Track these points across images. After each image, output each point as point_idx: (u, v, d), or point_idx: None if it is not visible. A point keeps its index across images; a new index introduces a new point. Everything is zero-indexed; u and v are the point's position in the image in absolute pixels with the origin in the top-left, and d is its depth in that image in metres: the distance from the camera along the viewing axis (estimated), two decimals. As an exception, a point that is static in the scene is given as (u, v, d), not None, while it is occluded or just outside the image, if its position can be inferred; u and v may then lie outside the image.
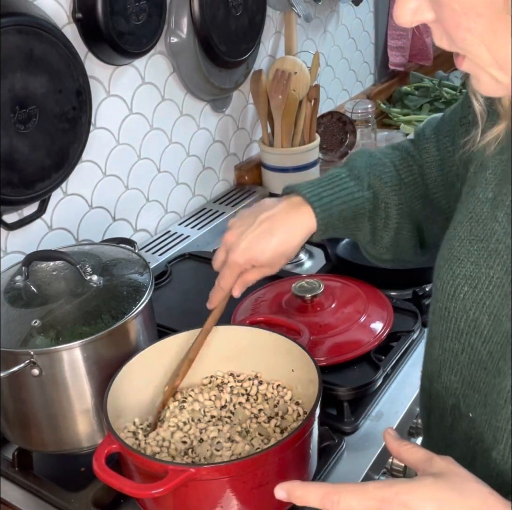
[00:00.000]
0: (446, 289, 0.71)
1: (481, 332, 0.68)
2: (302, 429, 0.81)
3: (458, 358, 0.71)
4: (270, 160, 1.70)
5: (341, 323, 1.12)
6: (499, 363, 0.66)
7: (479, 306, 0.68)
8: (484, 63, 0.56)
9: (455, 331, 0.71)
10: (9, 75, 1.08)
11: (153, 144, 1.49)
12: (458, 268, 0.70)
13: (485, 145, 0.71)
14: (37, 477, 0.99)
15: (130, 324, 0.96)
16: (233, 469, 0.77)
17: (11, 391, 0.95)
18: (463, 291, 0.69)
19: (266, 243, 0.86)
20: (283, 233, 0.86)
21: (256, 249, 0.86)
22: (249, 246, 0.86)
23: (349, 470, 0.95)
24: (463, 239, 0.71)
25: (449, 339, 0.72)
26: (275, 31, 1.81)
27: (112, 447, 0.80)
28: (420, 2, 0.57)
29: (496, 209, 0.68)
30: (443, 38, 0.58)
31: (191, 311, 1.27)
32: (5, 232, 1.21)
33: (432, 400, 0.78)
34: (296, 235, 0.87)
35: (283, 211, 0.87)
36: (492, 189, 0.70)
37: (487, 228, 0.69)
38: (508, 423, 0.65)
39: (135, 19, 1.29)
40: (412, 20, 0.59)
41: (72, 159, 1.22)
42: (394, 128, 2.19)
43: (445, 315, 0.72)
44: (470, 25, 0.54)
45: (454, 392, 0.73)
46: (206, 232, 1.56)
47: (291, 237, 0.86)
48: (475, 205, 0.71)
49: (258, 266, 0.88)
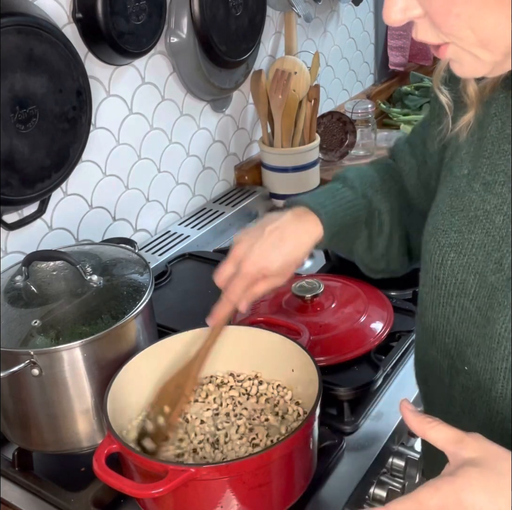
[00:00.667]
0: (434, 259, 0.77)
1: (469, 291, 0.73)
2: (302, 429, 0.81)
3: (450, 320, 0.76)
4: (270, 160, 1.70)
5: (341, 323, 1.12)
6: (487, 313, 0.71)
7: (465, 268, 0.74)
8: (469, 44, 0.60)
9: (445, 296, 0.76)
10: (9, 75, 1.08)
11: (153, 144, 1.49)
12: (443, 238, 0.76)
13: (457, 132, 0.77)
14: (37, 477, 0.99)
15: (130, 324, 0.96)
16: (233, 469, 0.77)
17: (11, 391, 0.95)
18: (450, 258, 0.75)
19: (278, 252, 0.86)
20: (293, 241, 0.87)
21: (268, 258, 0.86)
22: (261, 255, 0.86)
23: (349, 470, 0.95)
24: (445, 213, 0.77)
25: (441, 305, 0.77)
26: (275, 31, 1.81)
27: (112, 447, 0.80)
28: (407, 1, 0.60)
29: (472, 181, 0.75)
30: (428, 32, 0.62)
31: (191, 311, 1.27)
32: (5, 232, 1.21)
33: (428, 367, 0.82)
34: (305, 242, 0.88)
35: (290, 221, 0.89)
36: (467, 166, 0.76)
37: (466, 199, 0.75)
38: (503, 361, 0.69)
39: (135, 19, 1.29)
40: (402, 18, 0.62)
41: (72, 159, 1.22)
42: (394, 128, 2.19)
43: (435, 283, 0.77)
44: (458, 11, 0.58)
45: (449, 352, 0.77)
46: (206, 232, 1.56)
47: (300, 244, 0.88)
48: (453, 183, 0.78)
49: (269, 275, 0.87)
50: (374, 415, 1.04)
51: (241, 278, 0.87)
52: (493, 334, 0.70)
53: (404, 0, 0.60)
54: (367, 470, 0.95)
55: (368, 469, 0.95)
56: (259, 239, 0.87)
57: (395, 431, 1.02)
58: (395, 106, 2.29)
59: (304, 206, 0.90)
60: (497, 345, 0.69)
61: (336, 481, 0.93)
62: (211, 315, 0.90)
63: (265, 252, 0.86)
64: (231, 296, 0.88)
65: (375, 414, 1.04)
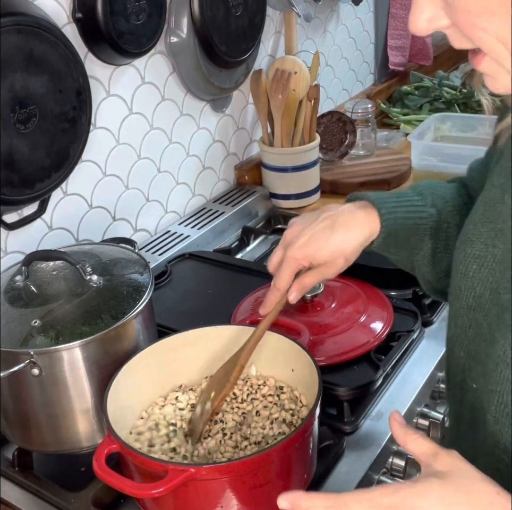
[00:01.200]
0: (459, 268, 0.75)
1: (484, 306, 0.71)
2: (302, 429, 0.81)
3: (466, 334, 0.74)
4: (270, 160, 1.70)
5: (341, 323, 1.12)
6: (494, 333, 0.69)
7: (483, 282, 0.71)
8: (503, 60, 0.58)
9: (465, 308, 0.74)
10: (9, 75, 1.08)
11: (153, 144, 1.49)
12: (469, 248, 0.74)
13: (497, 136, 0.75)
14: (37, 477, 0.99)
15: (130, 324, 0.96)
16: (233, 469, 0.77)
17: (11, 391, 0.95)
18: (472, 269, 0.73)
19: (325, 239, 0.83)
20: (343, 231, 0.84)
21: (314, 245, 0.83)
22: (308, 242, 0.84)
23: (349, 470, 0.95)
24: (476, 222, 0.75)
25: (460, 316, 0.74)
26: (275, 31, 1.81)
27: (112, 447, 0.80)
28: (434, 10, 0.58)
29: (505, 193, 0.72)
30: (462, 40, 0.59)
31: (191, 311, 1.27)
32: (5, 232, 1.21)
33: (449, 378, 0.80)
34: (357, 234, 0.84)
35: (347, 211, 0.86)
36: (505, 175, 0.73)
37: (496, 210, 0.73)
38: (498, 384, 0.67)
39: (135, 19, 1.29)
40: (428, 28, 0.60)
41: (72, 159, 1.22)
42: (394, 128, 2.19)
43: (457, 293, 0.75)
44: (484, 25, 0.55)
45: (462, 367, 0.75)
46: (206, 232, 1.56)
47: (351, 236, 0.84)
48: (489, 191, 0.75)
49: (316, 265, 0.85)
50: (374, 415, 1.04)
51: (287, 263, 0.85)
52: (494, 355, 0.68)
53: (430, 9, 0.58)
54: (367, 470, 0.95)
55: (368, 469, 0.95)
56: (310, 225, 0.85)
57: (395, 431, 1.02)
58: (395, 106, 2.29)
59: (366, 200, 0.86)
60: (495, 367, 0.67)
61: (336, 481, 0.93)
62: (262, 304, 0.89)
63: (312, 239, 0.84)
64: (278, 282, 0.86)
65: (375, 414, 1.04)
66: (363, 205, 0.87)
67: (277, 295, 0.87)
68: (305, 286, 0.87)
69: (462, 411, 0.77)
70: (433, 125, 1.80)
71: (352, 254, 0.86)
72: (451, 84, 2.35)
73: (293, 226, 0.87)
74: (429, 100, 2.26)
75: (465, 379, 0.75)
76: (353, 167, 1.86)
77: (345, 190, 1.76)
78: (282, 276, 0.85)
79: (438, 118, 1.84)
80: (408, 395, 1.07)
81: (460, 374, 0.76)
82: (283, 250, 0.86)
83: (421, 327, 1.19)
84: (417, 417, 1.10)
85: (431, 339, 1.18)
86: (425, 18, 0.59)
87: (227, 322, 1.15)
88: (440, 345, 1.17)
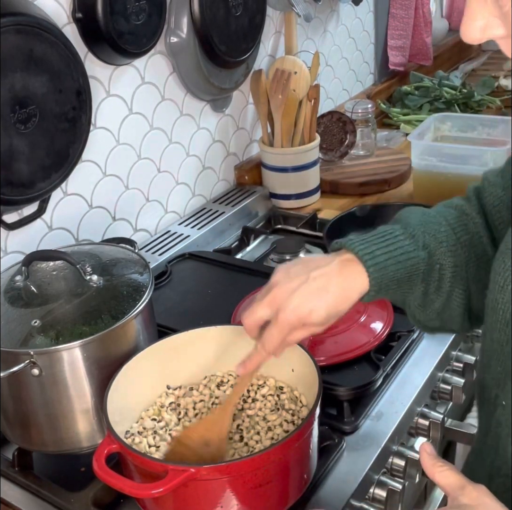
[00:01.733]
0: (497, 280, 0.72)
1: None
2: (302, 429, 0.81)
3: (503, 349, 0.71)
4: (270, 160, 1.70)
5: (341, 323, 1.12)
6: None
7: None
8: None
9: (502, 322, 0.71)
10: (9, 75, 1.08)
11: (153, 144, 1.49)
12: (509, 260, 0.71)
13: None
14: (37, 477, 0.99)
15: (130, 324, 0.96)
16: (233, 469, 0.77)
17: (11, 391, 0.95)
18: (511, 283, 0.70)
19: (322, 301, 0.79)
20: (338, 292, 0.80)
21: (310, 307, 0.79)
22: (302, 303, 0.78)
23: (349, 470, 0.95)
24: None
25: (497, 331, 0.72)
26: (275, 31, 1.81)
27: (112, 447, 0.80)
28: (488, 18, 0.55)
29: None
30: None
31: (191, 311, 1.27)
32: (5, 232, 1.21)
33: (483, 390, 0.78)
34: (351, 294, 0.80)
35: (337, 269, 0.80)
36: None
37: None
38: None
39: (135, 19, 1.29)
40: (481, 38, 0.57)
41: (72, 159, 1.22)
42: (394, 128, 2.19)
43: (495, 306, 0.72)
44: None
45: (498, 382, 0.73)
46: (206, 232, 1.56)
47: (346, 296, 0.80)
48: None
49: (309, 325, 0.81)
50: (374, 415, 1.04)
51: (279, 327, 0.79)
52: None
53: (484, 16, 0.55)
54: (367, 470, 0.95)
55: (368, 469, 0.95)
56: (301, 285, 0.79)
57: (395, 431, 1.02)
58: (395, 106, 2.29)
59: (352, 253, 0.80)
60: None
61: (336, 481, 0.93)
62: (242, 363, 0.84)
63: (307, 301, 0.79)
64: (267, 346, 0.80)
65: (375, 414, 1.04)
66: (350, 261, 0.80)
67: (263, 357, 0.83)
68: (292, 344, 0.83)
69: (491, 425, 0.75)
70: (433, 125, 1.80)
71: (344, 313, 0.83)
72: (451, 84, 2.35)
73: (281, 285, 0.80)
74: (429, 100, 2.26)
75: (498, 395, 0.73)
76: (353, 167, 1.86)
77: (345, 190, 1.77)
78: (273, 340, 0.80)
79: (438, 118, 1.84)
80: (408, 395, 1.07)
81: (495, 390, 0.74)
82: (270, 310, 0.80)
83: (421, 327, 1.19)
84: (417, 417, 1.10)
85: (431, 339, 1.18)
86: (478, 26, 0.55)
87: (227, 322, 1.15)
88: (440, 345, 1.17)
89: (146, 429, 0.91)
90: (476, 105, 2.25)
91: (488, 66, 2.63)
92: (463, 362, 1.19)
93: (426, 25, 2.42)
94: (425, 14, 2.41)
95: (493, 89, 2.36)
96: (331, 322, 0.81)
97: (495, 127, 1.76)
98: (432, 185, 1.65)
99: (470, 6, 0.56)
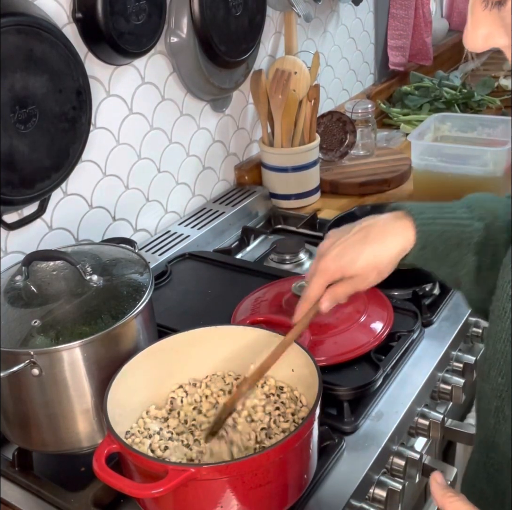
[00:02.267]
0: (505, 288, 0.70)
1: None
2: (302, 429, 0.81)
3: (506, 359, 0.70)
4: (270, 160, 1.71)
5: (341, 323, 1.12)
6: None
7: None
8: None
9: (507, 332, 0.70)
10: (9, 75, 1.08)
11: (153, 144, 1.49)
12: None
13: None
14: (37, 477, 0.99)
15: (130, 324, 0.96)
16: (233, 469, 0.77)
17: (11, 391, 0.95)
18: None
19: (358, 252, 0.81)
20: (377, 243, 0.81)
21: (347, 257, 0.81)
22: (341, 253, 0.82)
23: (349, 470, 0.95)
24: None
25: (501, 340, 0.71)
26: (275, 31, 1.81)
27: (112, 447, 0.80)
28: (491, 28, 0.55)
29: None
30: None
31: (191, 311, 1.27)
32: (5, 232, 1.21)
33: (478, 399, 0.77)
34: (391, 247, 0.81)
35: (382, 222, 0.83)
36: None
37: None
38: None
39: (135, 19, 1.29)
40: (483, 46, 0.57)
41: (72, 159, 1.22)
42: (394, 128, 2.19)
43: (501, 315, 0.71)
44: None
45: (500, 394, 0.72)
46: (206, 232, 1.56)
47: (385, 248, 0.81)
48: None
49: (348, 276, 0.83)
50: (374, 415, 1.04)
51: (319, 274, 0.84)
52: None
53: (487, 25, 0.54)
54: (367, 470, 0.95)
55: (368, 469, 0.95)
56: (344, 236, 0.83)
57: (395, 431, 1.02)
58: (395, 106, 2.29)
59: (403, 210, 0.82)
60: None
61: (336, 481, 0.93)
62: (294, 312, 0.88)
63: (345, 251, 0.82)
64: (309, 292, 0.85)
65: (375, 414, 1.04)
66: (399, 215, 0.83)
67: (307, 304, 0.86)
68: (337, 296, 0.85)
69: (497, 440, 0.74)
70: (433, 125, 1.81)
71: (386, 268, 0.83)
72: (451, 84, 2.35)
73: (328, 238, 0.86)
74: (429, 100, 2.26)
75: (501, 407, 0.72)
76: (353, 167, 1.86)
77: (345, 190, 1.77)
78: (314, 286, 0.85)
79: (438, 118, 1.84)
80: (408, 395, 1.07)
81: (496, 401, 0.72)
82: (317, 261, 0.85)
83: (421, 327, 1.19)
84: (417, 417, 1.09)
85: (431, 339, 1.18)
86: (480, 34, 0.55)
87: (227, 322, 1.15)
88: (440, 345, 1.17)
89: (146, 429, 0.91)
90: (476, 105, 2.25)
91: (488, 66, 2.63)
92: (463, 362, 1.19)
93: (426, 25, 2.42)
94: (425, 14, 2.41)
95: (493, 89, 2.36)
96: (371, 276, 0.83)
97: (495, 127, 1.76)
98: (432, 185, 1.65)
99: (474, 14, 0.56)
